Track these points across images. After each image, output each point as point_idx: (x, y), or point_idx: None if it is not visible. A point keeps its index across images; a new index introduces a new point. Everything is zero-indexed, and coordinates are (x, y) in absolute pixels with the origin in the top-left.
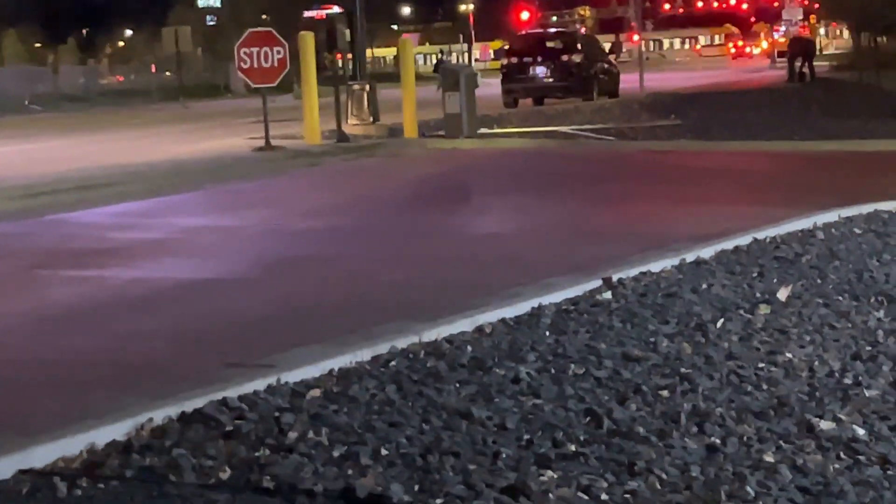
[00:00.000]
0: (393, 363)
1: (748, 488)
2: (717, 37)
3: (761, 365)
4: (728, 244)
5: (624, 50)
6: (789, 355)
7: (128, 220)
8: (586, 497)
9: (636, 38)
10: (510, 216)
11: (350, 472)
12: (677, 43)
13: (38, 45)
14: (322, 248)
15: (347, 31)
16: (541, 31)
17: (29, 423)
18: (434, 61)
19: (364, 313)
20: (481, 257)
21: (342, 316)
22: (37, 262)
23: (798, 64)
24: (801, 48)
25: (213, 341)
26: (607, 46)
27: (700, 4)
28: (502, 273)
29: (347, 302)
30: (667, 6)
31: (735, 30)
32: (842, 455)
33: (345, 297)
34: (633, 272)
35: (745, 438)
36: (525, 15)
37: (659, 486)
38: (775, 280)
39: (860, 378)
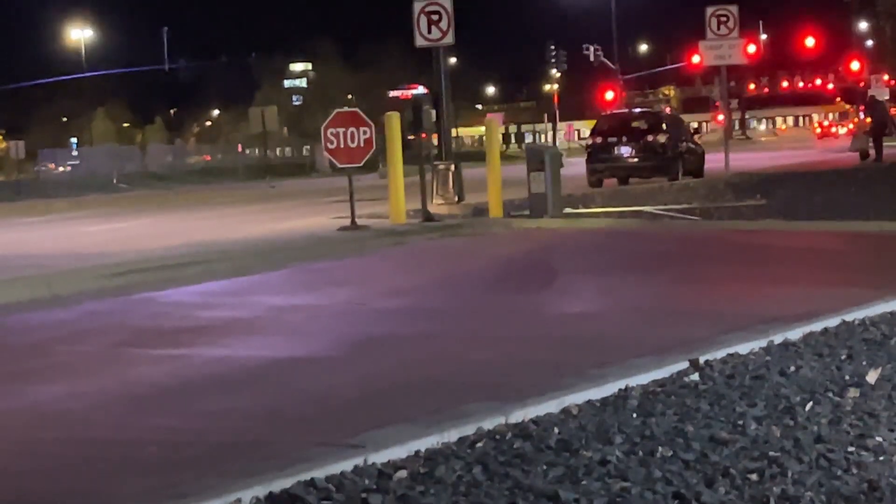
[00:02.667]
0: (480, 444)
1: None
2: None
3: (851, 448)
4: (816, 326)
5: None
6: (879, 439)
7: (215, 298)
8: None
9: (720, 117)
10: (595, 296)
11: None
12: (765, 122)
13: (126, 124)
14: (408, 328)
15: (433, 111)
16: (626, 110)
17: None
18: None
19: (451, 393)
20: (567, 337)
21: (429, 396)
22: (126, 339)
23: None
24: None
25: (300, 420)
26: (695, 125)
27: (785, 84)
28: (588, 353)
29: (434, 382)
30: (752, 86)
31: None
32: None
33: (431, 377)
34: (721, 354)
35: None
36: (610, 95)
37: None
38: (864, 363)
39: None
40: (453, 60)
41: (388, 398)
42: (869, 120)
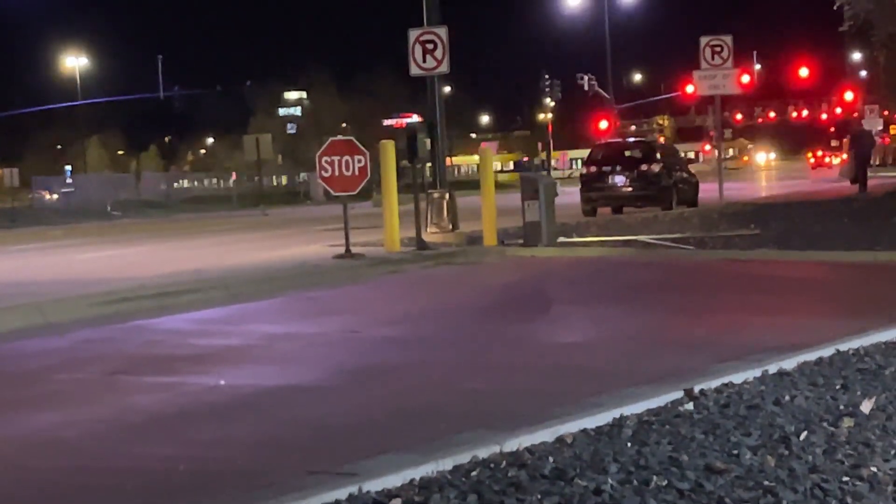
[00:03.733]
0: (474, 473)
1: None
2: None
3: (846, 478)
4: (810, 355)
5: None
6: (874, 469)
7: (209, 326)
8: None
9: (707, 147)
10: (589, 325)
11: None
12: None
13: (120, 151)
14: (402, 356)
15: (427, 140)
16: (620, 140)
17: None
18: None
19: (445, 422)
20: (561, 366)
21: (423, 424)
22: (119, 367)
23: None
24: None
25: (295, 449)
26: (691, 155)
27: (772, 115)
28: (583, 382)
29: (428, 410)
30: (738, 116)
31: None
32: None
33: (425, 406)
34: (715, 383)
35: None
36: (604, 124)
37: None
38: (859, 392)
39: None
40: (448, 89)
41: (383, 426)
42: (851, 152)
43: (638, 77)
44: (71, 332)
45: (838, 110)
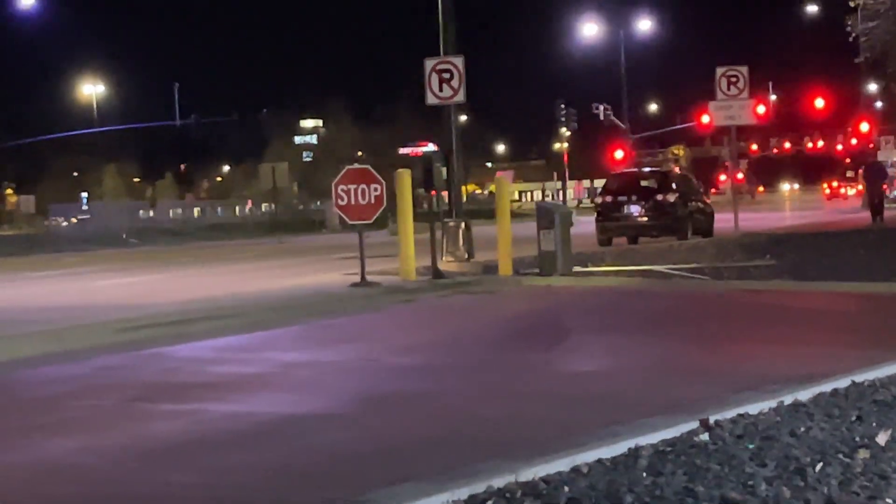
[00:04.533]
0: (490, 502)
1: None
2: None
3: None
4: (826, 387)
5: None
6: (889, 500)
7: (226, 354)
8: None
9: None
10: (605, 354)
11: None
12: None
13: (137, 179)
14: (417, 384)
15: (444, 169)
16: (635, 169)
17: None
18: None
19: (460, 450)
20: (577, 395)
21: (438, 453)
22: (137, 395)
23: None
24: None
25: (311, 476)
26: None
27: (788, 145)
28: (598, 412)
29: (443, 438)
30: (754, 146)
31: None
32: None
33: (440, 434)
34: (731, 414)
35: None
36: (619, 153)
37: None
38: (874, 424)
39: None
40: (464, 118)
41: (399, 455)
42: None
43: (653, 107)
44: (89, 358)
45: (854, 141)
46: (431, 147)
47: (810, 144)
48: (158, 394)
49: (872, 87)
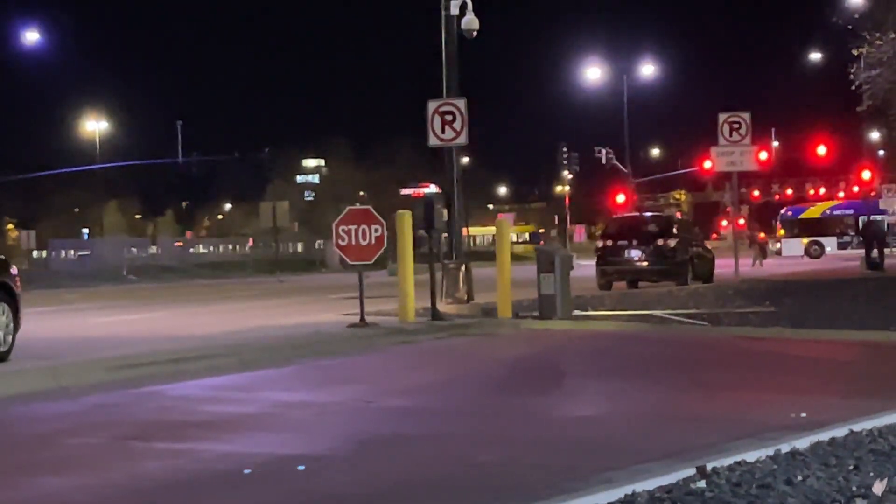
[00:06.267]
0: None
1: None
2: None
3: None
4: (823, 435)
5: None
6: None
7: (222, 393)
8: None
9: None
10: (602, 400)
11: None
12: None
13: (137, 215)
14: (414, 427)
15: (444, 210)
16: (636, 214)
17: None
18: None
19: (456, 495)
20: (574, 441)
21: (434, 497)
22: (130, 433)
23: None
24: (872, 233)
25: None
26: None
27: (789, 192)
28: (594, 457)
29: (440, 482)
30: (756, 192)
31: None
32: None
33: (437, 478)
34: (728, 461)
35: None
36: (621, 197)
37: None
38: (871, 473)
39: None
40: (466, 159)
41: (394, 498)
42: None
43: (656, 151)
44: (83, 396)
45: (856, 189)
46: (433, 188)
47: (812, 191)
48: (153, 432)
49: (875, 135)
